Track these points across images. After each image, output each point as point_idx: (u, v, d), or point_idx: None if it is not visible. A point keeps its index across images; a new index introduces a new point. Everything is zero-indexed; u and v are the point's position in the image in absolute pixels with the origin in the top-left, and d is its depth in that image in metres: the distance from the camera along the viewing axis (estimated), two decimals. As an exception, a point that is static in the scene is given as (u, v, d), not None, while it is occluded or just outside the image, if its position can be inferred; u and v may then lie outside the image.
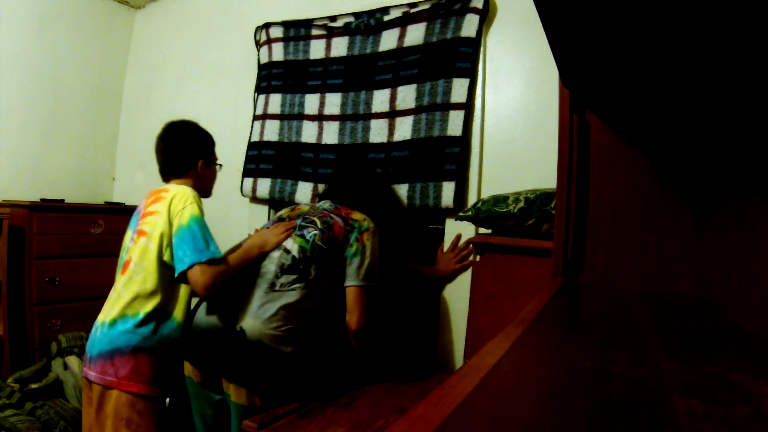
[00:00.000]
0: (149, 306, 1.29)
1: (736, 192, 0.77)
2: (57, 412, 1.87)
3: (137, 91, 3.07)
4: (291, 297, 1.32)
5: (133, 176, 2.99)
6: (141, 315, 1.28)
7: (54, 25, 2.77)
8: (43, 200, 2.41)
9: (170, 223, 1.32)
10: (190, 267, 1.23)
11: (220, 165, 1.66)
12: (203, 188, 1.56)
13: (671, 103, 0.95)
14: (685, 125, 0.94)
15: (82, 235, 2.45)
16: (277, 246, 1.39)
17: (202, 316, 1.36)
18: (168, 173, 1.51)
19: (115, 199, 2.96)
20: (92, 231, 2.48)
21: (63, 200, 2.53)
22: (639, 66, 0.81)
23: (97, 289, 2.44)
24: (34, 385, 1.94)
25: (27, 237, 2.26)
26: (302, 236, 1.41)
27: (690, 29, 0.62)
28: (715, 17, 0.57)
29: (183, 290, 1.37)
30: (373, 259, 1.42)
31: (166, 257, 1.32)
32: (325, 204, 1.56)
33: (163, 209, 1.33)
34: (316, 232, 1.41)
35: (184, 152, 1.52)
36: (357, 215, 1.49)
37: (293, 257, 1.37)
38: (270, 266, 1.37)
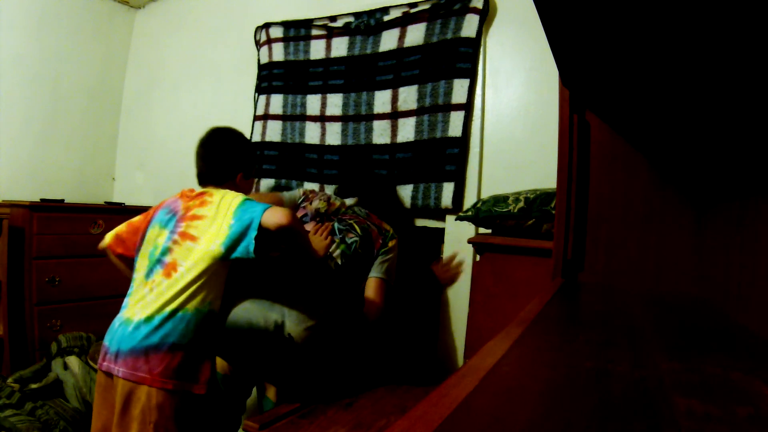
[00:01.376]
0: (191, 304, 1.23)
1: (736, 192, 0.77)
2: (57, 412, 1.87)
3: (137, 91, 3.07)
4: (333, 302, 1.38)
5: (133, 176, 2.99)
6: (181, 312, 1.22)
7: (54, 25, 2.77)
8: (43, 200, 2.41)
9: (221, 218, 1.27)
10: (263, 214, 1.22)
11: (256, 177, 1.57)
12: None
13: (671, 104, 0.95)
14: (685, 125, 0.94)
15: (82, 235, 2.44)
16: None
17: (240, 314, 1.32)
18: (206, 180, 1.45)
19: (115, 199, 2.96)
20: (92, 231, 2.48)
21: (63, 200, 2.53)
22: (639, 66, 0.81)
23: (97, 289, 2.45)
24: (34, 385, 1.94)
25: (27, 237, 2.26)
26: (343, 241, 1.50)
27: (689, 29, 0.62)
28: (714, 17, 0.57)
29: (222, 286, 1.30)
30: (394, 263, 1.54)
31: (216, 251, 1.24)
32: (355, 207, 1.66)
33: (211, 213, 1.29)
34: (356, 238, 1.51)
35: (226, 162, 1.45)
36: (386, 225, 1.62)
37: (336, 264, 1.45)
38: (313, 271, 1.40)
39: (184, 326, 1.21)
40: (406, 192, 1.83)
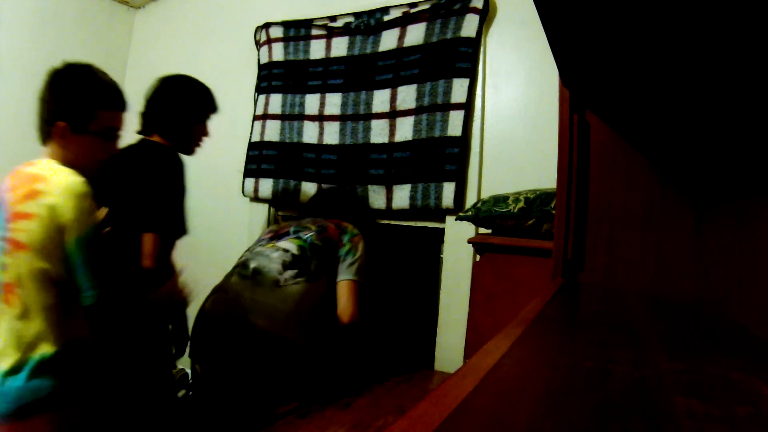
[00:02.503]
0: (54, 344, 0.97)
1: (736, 192, 0.77)
2: (57, 412, 1.87)
3: (137, 91, 3.06)
4: (296, 290, 1.40)
5: (133, 176, 2.99)
6: (48, 356, 0.95)
7: (54, 25, 2.77)
8: (42, 200, 2.41)
9: (59, 233, 0.97)
10: (102, 295, 1.00)
11: (112, 131, 1.15)
12: (74, 166, 1.06)
13: (671, 103, 0.95)
14: (685, 125, 0.94)
15: (82, 235, 2.44)
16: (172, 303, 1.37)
17: (208, 314, 1.40)
18: (40, 136, 1.10)
19: (115, 199, 2.96)
20: (92, 231, 2.48)
21: (63, 200, 2.52)
22: (639, 66, 0.81)
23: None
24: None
25: (27, 237, 2.25)
26: (299, 237, 1.53)
27: (690, 29, 0.62)
28: (714, 17, 0.57)
29: (80, 310, 1.03)
30: (363, 261, 1.56)
31: (54, 272, 0.98)
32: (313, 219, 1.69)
33: (41, 213, 0.97)
34: (312, 233, 1.53)
35: (46, 108, 1.07)
36: (346, 224, 1.64)
37: (293, 254, 1.46)
38: (272, 265, 1.44)
39: (55, 372, 0.96)
40: (404, 192, 1.83)
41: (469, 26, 1.74)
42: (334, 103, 2.05)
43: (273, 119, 2.25)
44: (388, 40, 1.93)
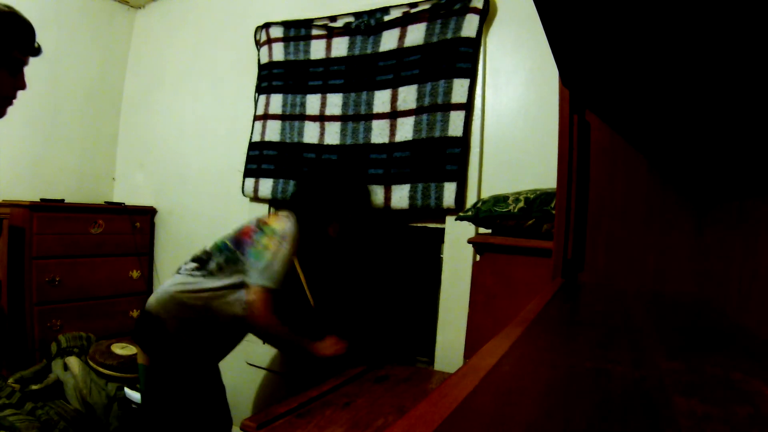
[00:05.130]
0: None
1: (736, 192, 0.77)
2: (57, 413, 1.87)
3: (137, 91, 3.07)
4: (188, 279, 1.51)
5: (133, 176, 2.99)
6: None
7: (54, 25, 2.77)
8: (43, 200, 2.41)
9: None
10: None
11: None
12: None
13: (671, 103, 0.95)
14: (685, 125, 0.94)
15: (82, 235, 2.44)
16: None
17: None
18: None
19: (115, 199, 2.96)
20: (92, 231, 2.48)
21: (63, 200, 2.53)
22: (639, 66, 0.81)
23: (97, 289, 2.45)
24: (34, 386, 1.94)
25: (27, 237, 2.26)
26: (223, 237, 1.62)
27: (690, 29, 0.62)
28: (714, 17, 0.57)
29: None
30: (275, 263, 1.47)
31: None
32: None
33: None
34: (231, 233, 1.60)
35: None
36: (273, 221, 1.55)
37: (204, 250, 1.59)
38: (188, 258, 1.60)
39: None
40: (403, 192, 1.83)
41: (470, 26, 1.74)
42: (335, 103, 2.05)
43: (274, 119, 2.25)
44: (389, 41, 1.93)
